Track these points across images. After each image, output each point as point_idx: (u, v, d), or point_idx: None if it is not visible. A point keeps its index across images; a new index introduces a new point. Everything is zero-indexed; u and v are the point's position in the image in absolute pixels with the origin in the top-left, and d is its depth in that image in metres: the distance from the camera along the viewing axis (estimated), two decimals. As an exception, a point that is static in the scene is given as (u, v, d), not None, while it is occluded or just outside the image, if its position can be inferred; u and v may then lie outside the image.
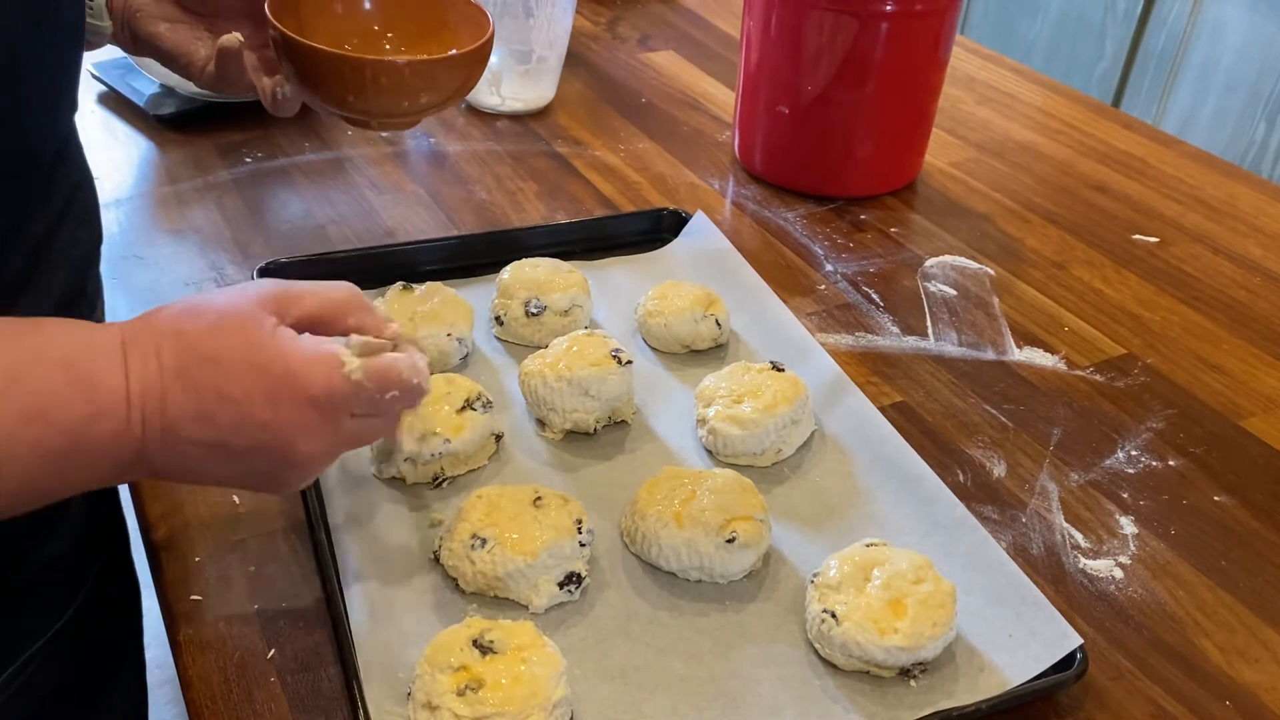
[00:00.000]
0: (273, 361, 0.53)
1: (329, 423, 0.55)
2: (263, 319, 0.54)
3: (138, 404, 0.51)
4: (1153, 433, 0.81)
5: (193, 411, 0.52)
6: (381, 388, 0.56)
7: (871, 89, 1.04)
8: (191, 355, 0.52)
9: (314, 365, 0.54)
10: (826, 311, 0.93)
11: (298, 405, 0.53)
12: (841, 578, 0.63)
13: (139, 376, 0.51)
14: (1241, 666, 0.64)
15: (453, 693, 0.55)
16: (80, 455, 0.50)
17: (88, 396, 0.49)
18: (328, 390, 0.54)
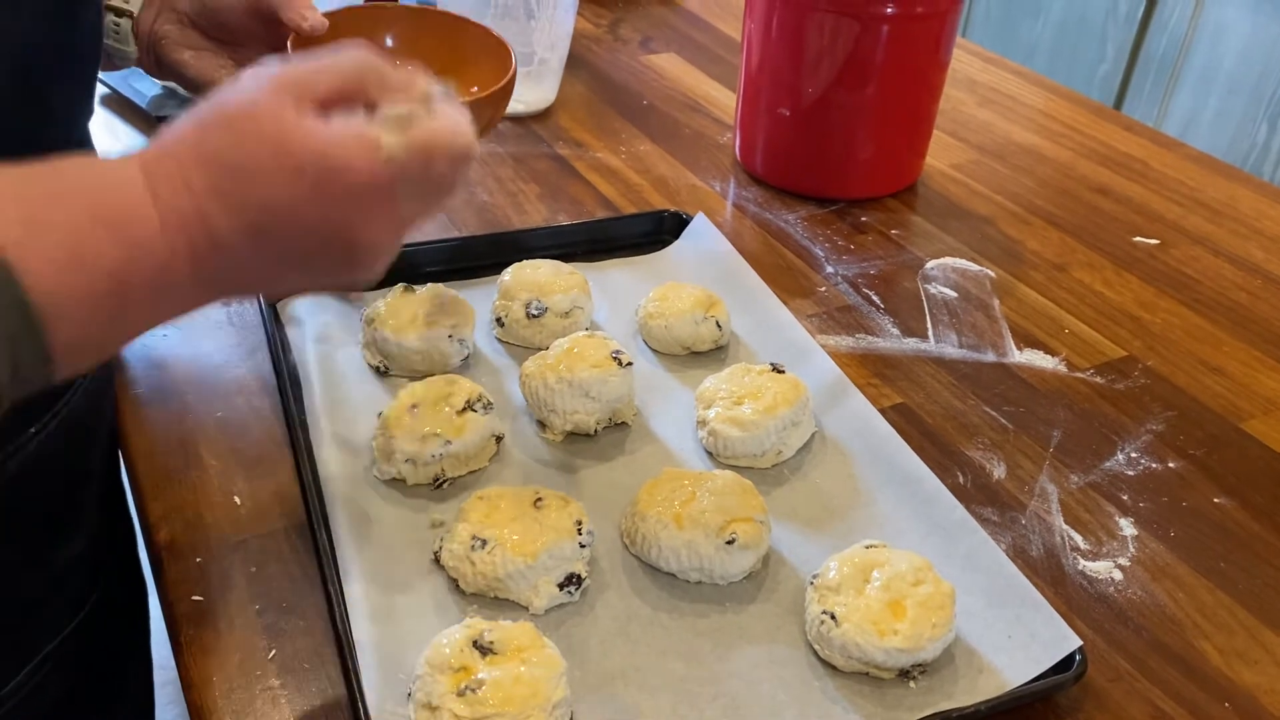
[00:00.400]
0: (306, 161, 0.48)
1: (382, 208, 0.51)
2: (283, 112, 0.49)
3: (178, 235, 0.47)
4: (1153, 435, 0.81)
5: (240, 228, 0.48)
6: (426, 161, 0.51)
7: (872, 91, 1.04)
8: (221, 171, 0.48)
9: (350, 154, 0.49)
10: (827, 313, 0.93)
11: (345, 199, 0.49)
12: (841, 579, 0.63)
13: (171, 207, 0.47)
14: (1241, 668, 0.64)
15: (453, 693, 0.55)
16: (131, 298, 0.46)
17: (119, 238, 0.46)
18: (371, 178, 0.49)
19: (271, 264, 0.50)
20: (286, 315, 0.86)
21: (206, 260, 0.48)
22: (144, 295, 0.47)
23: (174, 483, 0.72)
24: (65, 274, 0.44)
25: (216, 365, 0.82)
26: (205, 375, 0.81)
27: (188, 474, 0.72)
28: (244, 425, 0.77)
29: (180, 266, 0.47)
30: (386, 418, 0.72)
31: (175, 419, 0.77)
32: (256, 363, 0.82)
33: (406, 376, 0.80)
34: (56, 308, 0.43)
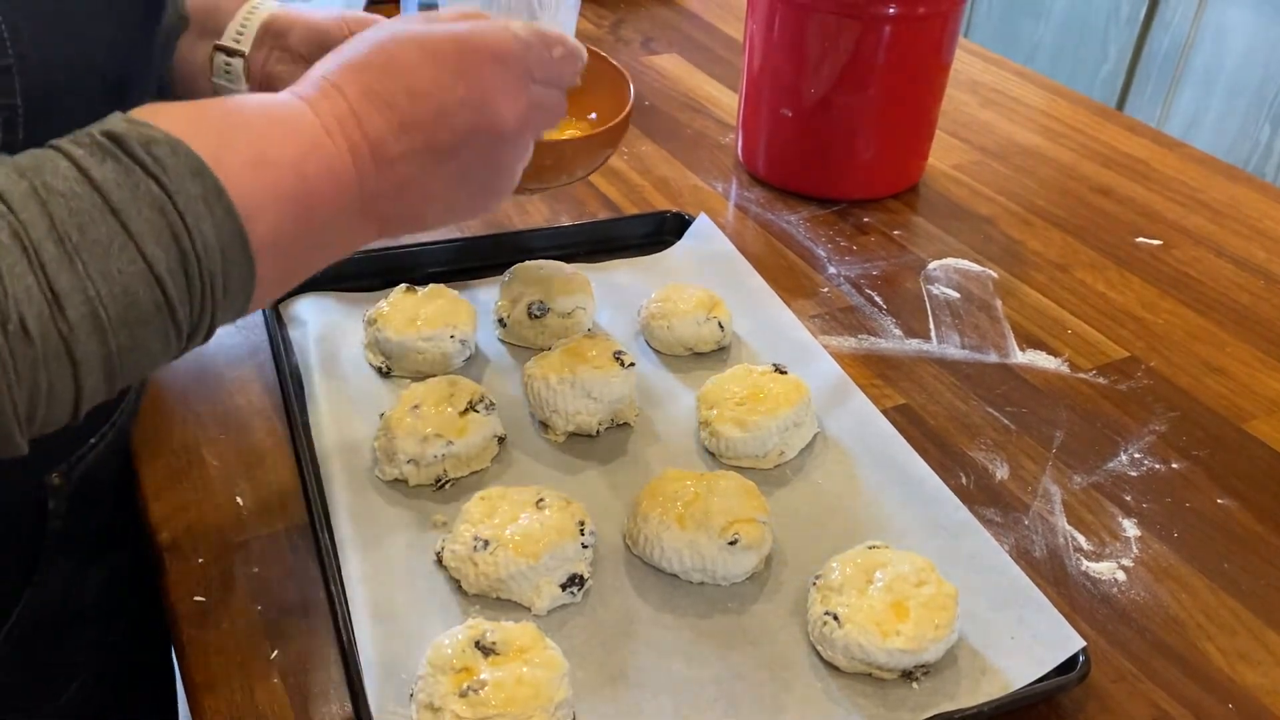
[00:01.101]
0: (445, 42, 0.54)
1: (517, 79, 0.56)
2: (416, 25, 0.55)
3: (338, 133, 0.51)
4: (1155, 435, 0.81)
5: (392, 122, 0.52)
6: (547, 43, 0.57)
7: (874, 92, 1.04)
8: (369, 73, 0.52)
9: (484, 32, 0.55)
10: (829, 314, 0.93)
11: (484, 70, 0.54)
12: (843, 580, 0.63)
13: (329, 111, 0.51)
14: (1244, 669, 0.64)
15: (455, 694, 0.55)
16: (312, 197, 0.50)
17: (293, 134, 0.49)
18: (504, 46, 0.55)
19: (421, 165, 0.53)
20: (288, 315, 0.86)
21: (368, 170, 0.51)
22: (323, 199, 0.50)
23: (176, 483, 0.72)
24: (257, 170, 0.47)
25: (219, 365, 0.82)
26: (208, 375, 0.81)
27: (190, 474, 0.72)
28: (246, 425, 0.77)
29: (346, 171, 0.51)
30: (388, 418, 0.72)
31: (177, 419, 0.77)
32: (259, 363, 0.82)
33: (409, 377, 0.80)
34: (254, 205, 0.46)
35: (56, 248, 0.41)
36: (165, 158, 0.44)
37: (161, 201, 0.43)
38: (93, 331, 0.42)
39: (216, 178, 0.45)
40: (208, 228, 0.44)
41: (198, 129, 0.46)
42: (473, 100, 0.54)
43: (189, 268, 0.44)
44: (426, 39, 0.54)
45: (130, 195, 0.43)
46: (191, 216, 0.44)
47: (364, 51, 0.53)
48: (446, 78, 0.53)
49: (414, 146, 0.53)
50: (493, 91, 0.54)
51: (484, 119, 0.54)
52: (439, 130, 0.53)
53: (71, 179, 0.42)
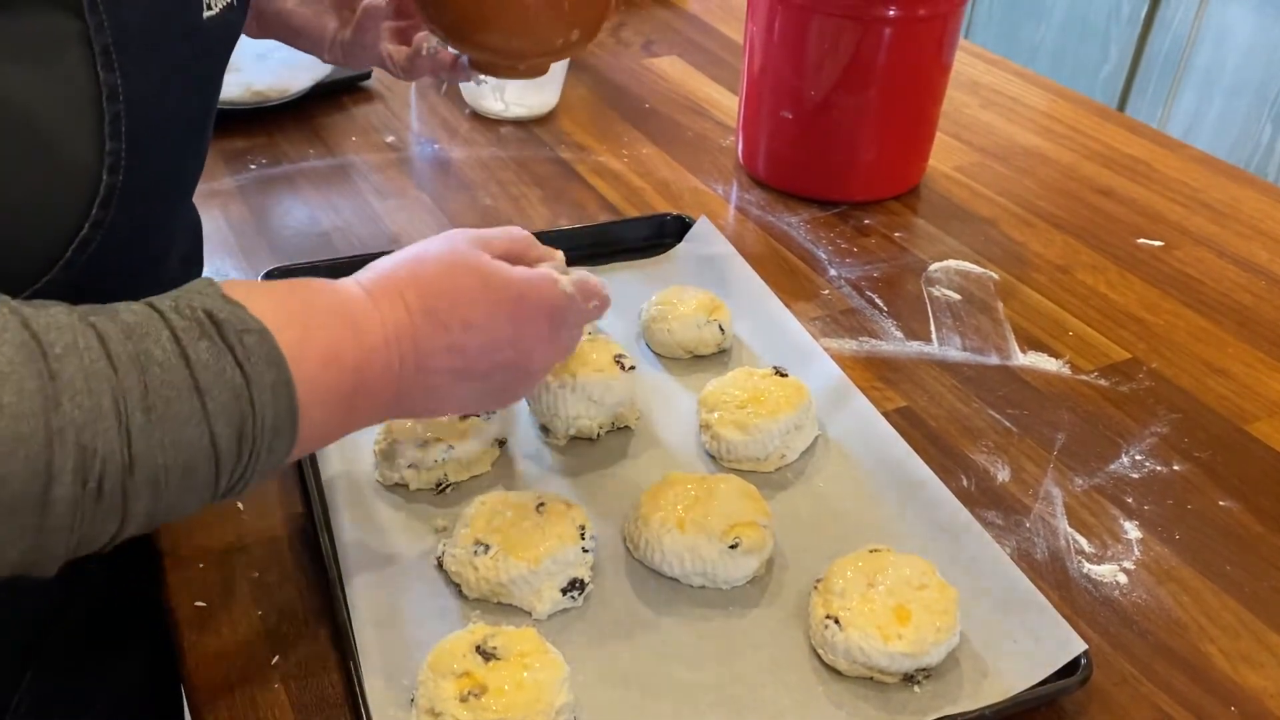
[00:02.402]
0: (507, 286, 0.59)
1: (557, 331, 0.63)
2: (480, 254, 0.60)
3: (394, 345, 0.55)
4: (1157, 437, 0.81)
5: (443, 344, 0.57)
6: (587, 296, 0.64)
7: (875, 94, 1.04)
8: (433, 294, 0.57)
9: (540, 284, 0.61)
10: (830, 316, 0.92)
11: (535, 320, 0.61)
12: (845, 583, 0.62)
13: (392, 321, 0.56)
14: (1246, 672, 0.64)
15: (456, 699, 0.55)
16: (359, 395, 0.54)
17: (359, 341, 0.54)
18: (554, 303, 0.61)
19: (454, 379, 0.59)
20: (289, 320, 0.86)
21: (409, 374, 0.56)
22: (368, 396, 0.55)
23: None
24: (325, 368, 0.52)
25: (219, 370, 0.82)
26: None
27: (190, 479, 0.72)
28: (247, 430, 0.77)
29: (392, 375, 0.56)
30: (389, 422, 0.72)
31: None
32: (259, 368, 0.82)
33: (409, 381, 0.80)
34: (314, 399, 0.51)
35: (144, 416, 0.44)
36: (254, 346, 0.48)
37: (239, 389, 0.47)
38: (151, 493, 0.45)
39: (290, 374, 0.49)
40: (269, 414, 0.48)
41: (285, 320, 0.50)
42: (517, 344, 0.60)
43: (243, 446, 0.48)
44: (492, 279, 0.59)
45: (215, 378, 0.47)
46: (260, 404, 0.48)
47: (433, 272, 0.58)
48: (501, 319, 0.59)
49: (454, 366, 0.58)
50: (534, 340, 0.61)
51: (520, 359, 0.61)
52: (480, 360, 0.59)
53: (170, 351, 0.46)
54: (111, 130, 0.53)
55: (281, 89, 1.16)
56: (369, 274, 0.58)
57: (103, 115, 0.53)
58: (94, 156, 0.53)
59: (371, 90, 1.26)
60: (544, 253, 0.66)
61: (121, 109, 0.53)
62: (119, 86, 0.53)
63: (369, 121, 1.19)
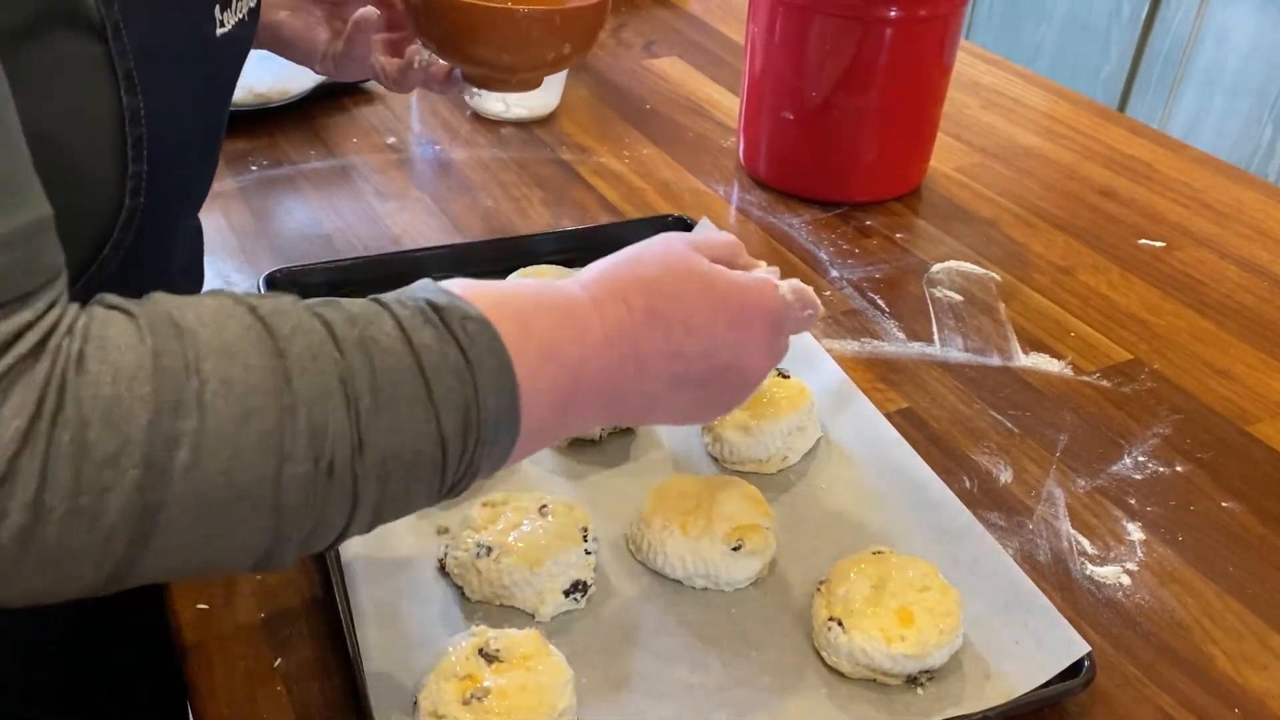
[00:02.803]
0: (730, 291, 0.58)
1: (775, 337, 0.61)
2: (700, 257, 0.59)
3: (616, 344, 0.54)
4: (1159, 438, 0.81)
5: (665, 347, 0.56)
6: (804, 304, 0.62)
7: (876, 94, 1.04)
8: (656, 295, 0.56)
9: (762, 289, 0.60)
10: (832, 317, 0.92)
11: (756, 324, 0.59)
12: (848, 585, 0.62)
13: (614, 321, 0.55)
14: (1250, 674, 0.64)
15: (458, 701, 0.55)
16: (577, 393, 0.53)
17: (580, 337, 0.53)
18: (775, 310, 0.60)
19: (670, 384, 0.57)
20: (291, 322, 0.86)
21: (628, 375, 0.55)
22: (586, 395, 0.54)
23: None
24: (543, 363, 0.51)
25: (221, 372, 0.82)
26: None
27: (192, 481, 0.72)
28: (248, 432, 0.77)
29: (612, 374, 0.55)
30: (391, 424, 0.72)
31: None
32: (261, 369, 0.82)
33: (411, 383, 0.80)
34: (533, 392, 0.50)
35: (372, 398, 0.45)
36: (476, 334, 0.48)
37: (463, 373, 0.47)
38: (379, 478, 0.45)
39: (512, 362, 0.49)
40: (493, 402, 0.48)
41: (503, 313, 0.50)
42: (737, 348, 0.58)
43: (468, 435, 0.48)
44: (714, 281, 0.58)
45: (440, 361, 0.47)
46: (483, 391, 0.48)
47: (655, 273, 0.57)
48: (723, 323, 0.57)
49: (673, 370, 0.57)
50: (755, 346, 0.59)
51: (739, 364, 0.59)
52: (699, 364, 0.57)
53: (395, 337, 0.46)
54: (135, 153, 0.53)
55: (283, 90, 1.16)
56: (588, 274, 0.57)
57: (125, 139, 0.52)
58: (117, 180, 0.53)
59: (373, 92, 1.26)
60: (751, 261, 0.65)
61: (144, 131, 0.53)
62: (141, 110, 0.52)
63: (370, 123, 1.19)
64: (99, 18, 0.50)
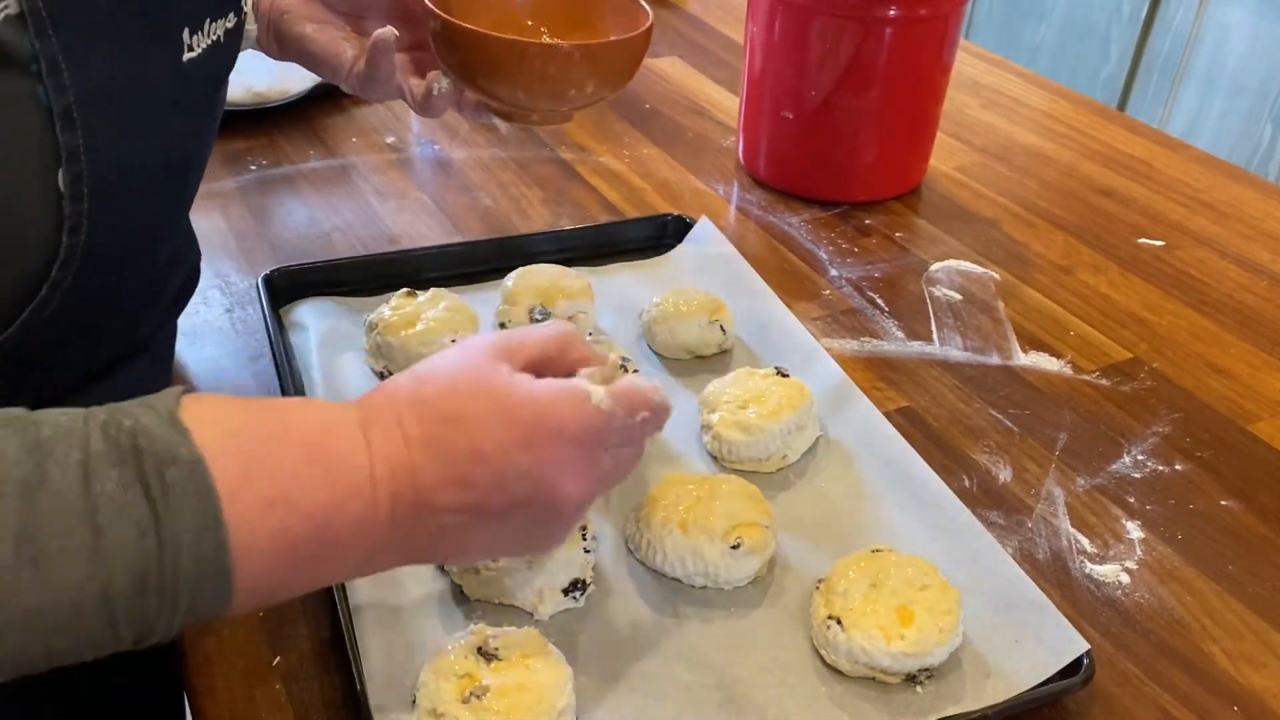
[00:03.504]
0: (521, 407, 0.50)
1: (588, 459, 0.52)
2: (497, 367, 0.51)
3: (385, 481, 0.48)
4: (1159, 437, 0.81)
5: (446, 478, 0.49)
6: (631, 410, 0.52)
7: (876, 94, 1.04)
8: (435, 419, 0.49)
9: (563, 402, 0.51)
10: (831, 317, 0.92)
11: (555, 446, 0.50)
12: (847, 584, 0.62)
13: (384, 453, 0.48)
14: (1249, 672, 0.64)
15: (458, 700, 0.55)
16: (324, 544, 0.47)
17: (330, 480, 0.47)
18: (582, 424, 0.51)
19: (467, 520, 0.50)
20: (290, 320, 0.86)
21: (407, 516, 0.48)
22: (340, 544, 0.47)
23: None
24: (269, 509, 0.44)
25: (220, 371, 0.82)
26: (209, 381, 0.81)
27: (191, 481, 0.72)
28: (248, 431, 0.77)
29: (381, 519, 0.48)
30: (390, 423, 0.72)
31: (179, 425, 0.77)
32: (259, 369, 0.82)
33: (410, 382, 0.80)
34: (251, 543, 0.44)
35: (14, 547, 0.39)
36: (177, 480, 0.42)
37: (146, 526, 0.41)
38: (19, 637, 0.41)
39: (220, 511, 0.43)
40: (187, 560, 0.42)
41: (226, 449, 0.44)
42: (536, 475, 0.50)
43: (147, 595, 0.42)
44: (504, 398, 0.50)
45: (116, 515, 0.41)
46: (171, 550, 0.42)
47: (437, 391, 0.50)
48: (514, 447, 0.49)
49: (464, 504, 0.49)
50: (559, 470, 0.51)
51: (544, 493, 0.51)
52: (494, 495, 0.50)
53: (73, 479, 0.41)
54: (73, 191, 0.49)
55: (282, 90, 1.16)
56: (376, 390, 0.52)
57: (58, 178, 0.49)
58: (51, 220, 0.50)
59: (372, 91, 1.26)
60: (585, 354, 0.55)
61: (84, 169, 0.49)
62: (80, 147, 0.49)
63: (369, 122, 1.19)
64: (29, 52, 0.47)
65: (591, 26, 0.76)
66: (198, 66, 0.57)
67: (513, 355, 0.52)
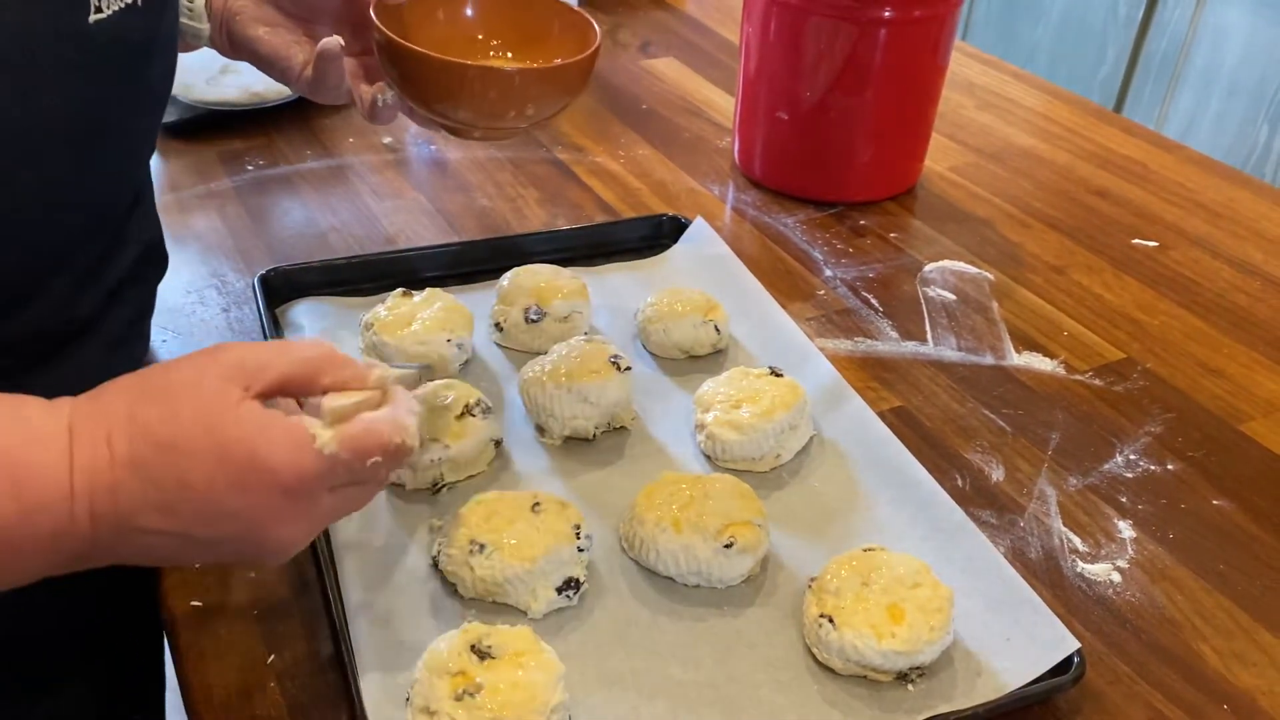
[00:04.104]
0: (236, 444, 0.48)
1: (303, 505, 0.50)
2: (226, 393, 0.48)
3: (84, 497, 0.47)
4: (1151, 437, 0.81)
5: (151, 502, 0.47)
6: (360, 455, 0.50)
7: (871, 95, 1.04)
8: (147, 442, 0.47)
9: (281, 445, 0.48)
10: (826, 317, 0.93)
11: (266, 492, 0.48)
12: (839, 582, 0.63)
13: (85, 467, 0.47)
14: (1239, 670, 0.64)
15: (451, 698, 0.55)
16: (9, 553, 0.46)
17: (16, 493, 0.45)
18: (298, 474, 0.49)
19: (172, 541, 0.49)
20: (285, 320, 0.86)
21: (109, 531, 0.47)
22: (26, 553, 0.46)
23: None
24: None
25: (216, 371, 0.82)
26: (205, 381, 0.81)
27: (187, 479, 0.73)
28: (243, 431, 0.77)
29: (80, 532, 0.47)
30: (385, 423, 0.72)
31: (175, 425, 0.77)
32: (256, 368, 0.83)
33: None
34: None
35: None
36: None
37: None
38: None
39: None
40: None
41: None
42: (244, 518, 0.49)
43: None
44: (221, 431, 0.47)
45: None
46: None
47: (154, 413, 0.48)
48: (223, 485, 0.47)
49: (166, 528, 0.48)
50: (266, 517, 0.49)
51: (253, 535, 0.50)
52: (199, 527, 0.48)
53: None
54: None
55: (279, 90, 1.16)
56: (95, 394, 0.49)
57: None
58: None
59: (369, 91, 1.26)
60: (340, 380, 0.52)
61: None
62: None
63: (366, 123, 1.19)
64: None
65: (542, 43, 0.75)
66: (104, 29, 0.55)
67: (251, 378, 0.50)
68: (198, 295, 0.91)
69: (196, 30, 0.76)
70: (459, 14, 0.76)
